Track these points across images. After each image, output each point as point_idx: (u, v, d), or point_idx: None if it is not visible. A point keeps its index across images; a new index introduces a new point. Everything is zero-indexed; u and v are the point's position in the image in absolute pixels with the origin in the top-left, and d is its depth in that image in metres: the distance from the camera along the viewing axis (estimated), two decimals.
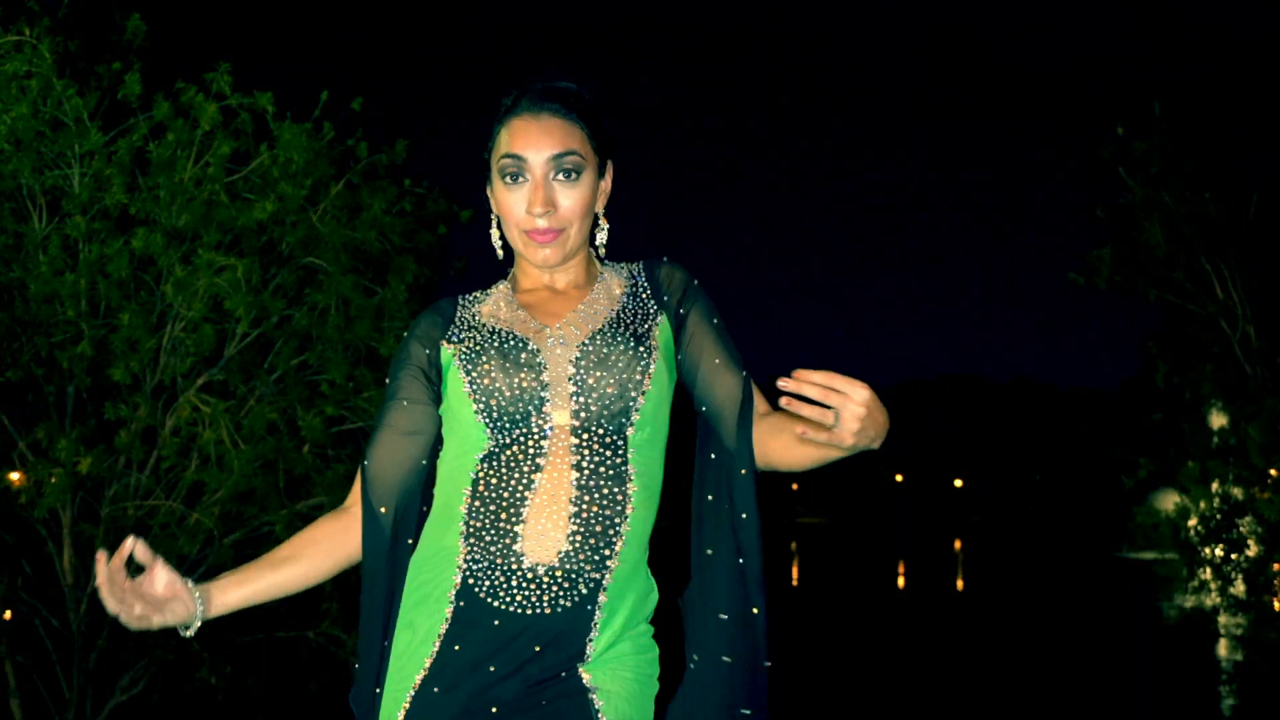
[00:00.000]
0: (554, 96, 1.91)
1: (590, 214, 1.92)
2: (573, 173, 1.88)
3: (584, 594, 1.77)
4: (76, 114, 4.73)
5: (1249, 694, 10.53)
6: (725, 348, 1.91)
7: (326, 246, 5.01)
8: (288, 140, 4.89)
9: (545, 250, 1.89)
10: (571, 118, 1.90)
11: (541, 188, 1.86)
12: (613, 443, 1.82)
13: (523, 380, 1.82)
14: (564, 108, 1.90)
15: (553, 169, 1.87)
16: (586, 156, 1.90)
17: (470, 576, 1.80)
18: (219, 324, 4.93)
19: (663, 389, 1.87)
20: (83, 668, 5.00)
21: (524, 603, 1.77)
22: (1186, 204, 8.07)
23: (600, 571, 1.78)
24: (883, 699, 10.61)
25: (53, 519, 4.99)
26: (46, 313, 4.75)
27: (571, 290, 1.96)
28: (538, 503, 1.79)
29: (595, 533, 1.78)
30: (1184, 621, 15.15)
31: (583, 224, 1.91)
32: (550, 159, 1.87)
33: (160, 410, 4.96)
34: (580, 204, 1.89)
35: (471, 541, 1.81)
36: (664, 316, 1.92)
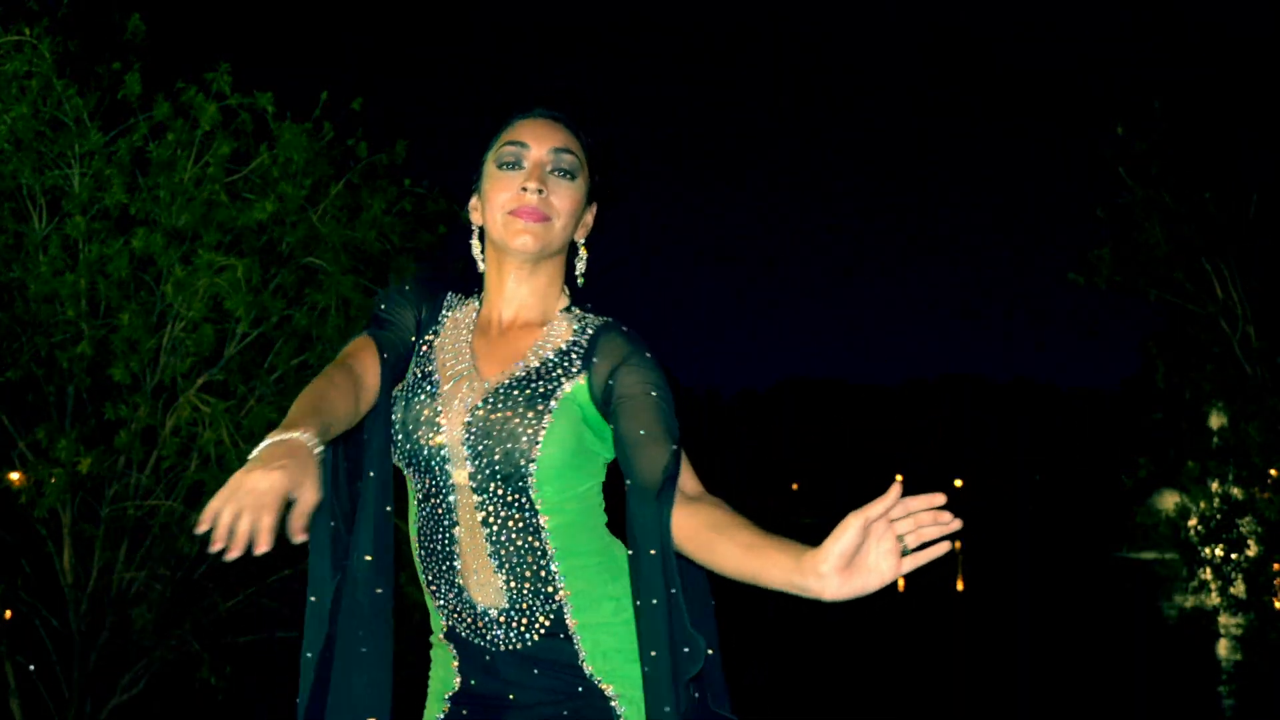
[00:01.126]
0: (567, 112, 1.94)
1: (573, 222, 1.89)
2: (569, 173, 1.87)
3: (549, 625, 1.79)
4: (76, 114, 4.73)
5: (1249, 694, 10.53)
6: (657, 419, 1.76)
7: (326, 246, 5.01)
8: (288, 140, 4.89)
9: (526, 234, 1.84)
10: (578, 136, 1.92)
11: (538, 170, 1.86)
12: (515, 501, 1.78)
13: (422, 437, 1.82)
14: (573, 125, 1.93)
15: (551, 162, 1.87)
16: (582, 165, 1.90)
17: (448, 619, 1.85)
18: (219, 324, 4.93)
19: (565, 449, 1.78)
20: (83, 668, 5.00)
21: (498, 639, 1.80)
22: (1186, 204, 8.07)
23: (551, 603, 1.78)
24: (883, 699, 10.61)
25: (53, 519, 4.98)
26: (46, 313, 4.75)
27: (521, 330, 1.90)
28: (465, 556, 1.81)
29: (527, 577, 1.78)
30: (1184, 621, 15.14)
31: (566, 226, 1.88)
32: (551, 150, 1.87)
33: (160, 410, 4.96)
34: (570, 203, 1.87)
35: (433, 589, 1.86)
36: (585, 376, 1.82)
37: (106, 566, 5.00)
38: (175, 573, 5.08)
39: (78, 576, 4.99)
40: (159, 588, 5.02)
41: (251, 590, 5.33)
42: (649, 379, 1.79)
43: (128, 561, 5.02)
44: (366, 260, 5.28)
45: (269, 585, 5.40)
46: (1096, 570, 28.40)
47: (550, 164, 1.87)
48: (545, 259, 1.90)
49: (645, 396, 1.77)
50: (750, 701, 9.97)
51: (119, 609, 5.07)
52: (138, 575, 4.98)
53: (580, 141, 1.92)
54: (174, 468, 5.10)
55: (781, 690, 10.65)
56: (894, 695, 10.77)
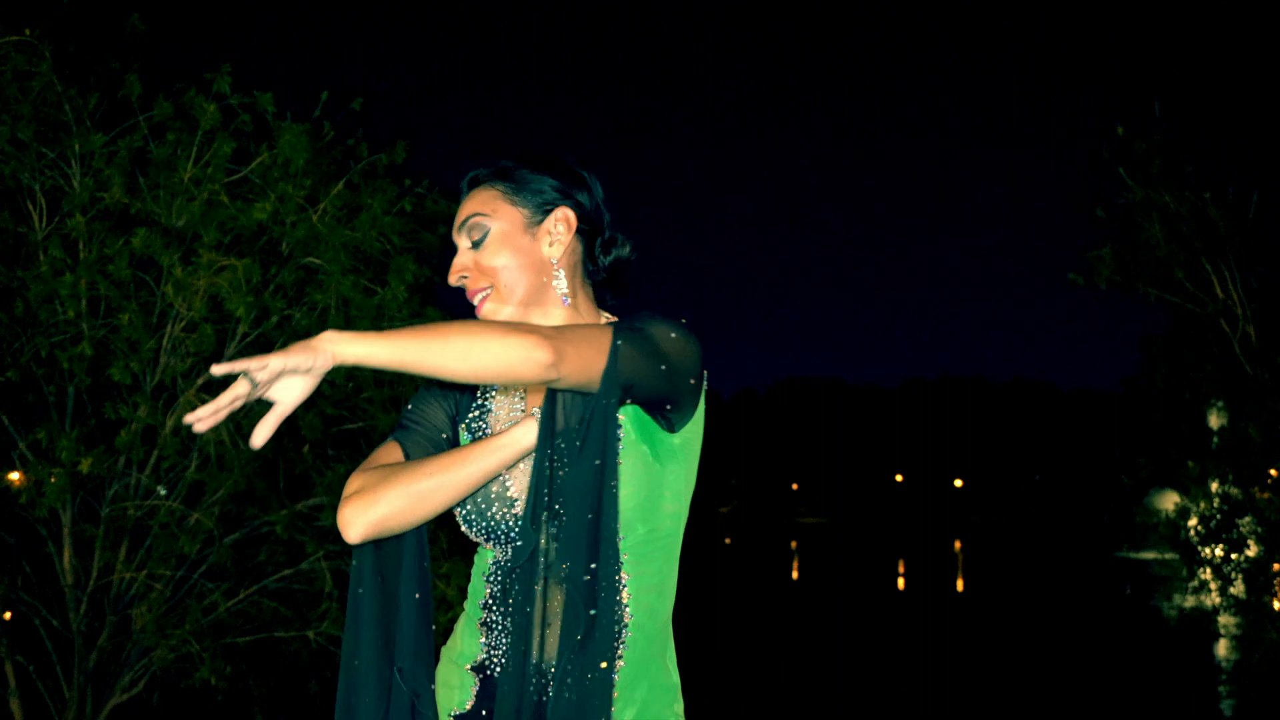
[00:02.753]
0: (476, 171, 1.92)
1: (520, 268, 1.85)
2: (479, 239, 1.86)
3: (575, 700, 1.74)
4: (76, 114, 4.73)
5: (1249, 694, 10.53)
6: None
7: (326, 246, 5.01)
8: (288, 140, 4.89)
9: (482, 313, 1.85)
10: (489, 182, 1.90)
11: (459, 259, 1.88)
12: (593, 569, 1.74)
13: (497, 513, 1.79)
14: (483, 178, 1.91)
15: (465, 237, 1.88)
16: (493, 212, 1.86)
17: (489, 657, 1.82)
18: (219, 324, 4.93)
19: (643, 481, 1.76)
20: (83, 668, 5.00)
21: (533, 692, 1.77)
22: (1186, 204, 8.08)
23: (586, 680, 1.74)
24: (883, 699, 10.61)
25: (53, 519, 4.99)
26: (46, 313, 4.75)
27: None
28: (542, 611, 1.76)
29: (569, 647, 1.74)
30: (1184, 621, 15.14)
31: (507, 279, 1.84)
32: (460, 228, 1.89)
33: (160, 410, 4.96)
34: (496, 259, 1.85)
35: (486, 627, 1.83)
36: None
37: (106, 566, 5.00)
38: (175, 573, 5.08)
39: (78, 576, 4.99)
40: (159, 588, 5.02)
41: (251, 590, 5.33)
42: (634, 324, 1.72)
43: (128, 561, 5.02)
44: (366, 260, 5.28)
45: (269, 585, 5.40)
46: (1096, 570, 28.40)
47: (466, 241, 1.88)
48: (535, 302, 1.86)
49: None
50: (750, 701, 9.96)
51: (119, 609, 5.07)
52: (138, 575, 4.98)
53: (494, 187, 1.89)
54: (174, 468, 5.10)
55: (781, 690, 10.65)
56: (894, 695, 10.77)
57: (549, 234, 1.87)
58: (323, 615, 5.32)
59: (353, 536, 1.74)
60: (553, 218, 1.87)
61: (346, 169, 5.24)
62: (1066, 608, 19.31)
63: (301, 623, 5.43)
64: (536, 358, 1.57)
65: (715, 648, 12.27)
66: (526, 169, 1.90)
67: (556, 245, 1.87)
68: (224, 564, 5.28)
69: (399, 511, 1.73)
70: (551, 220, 1.87)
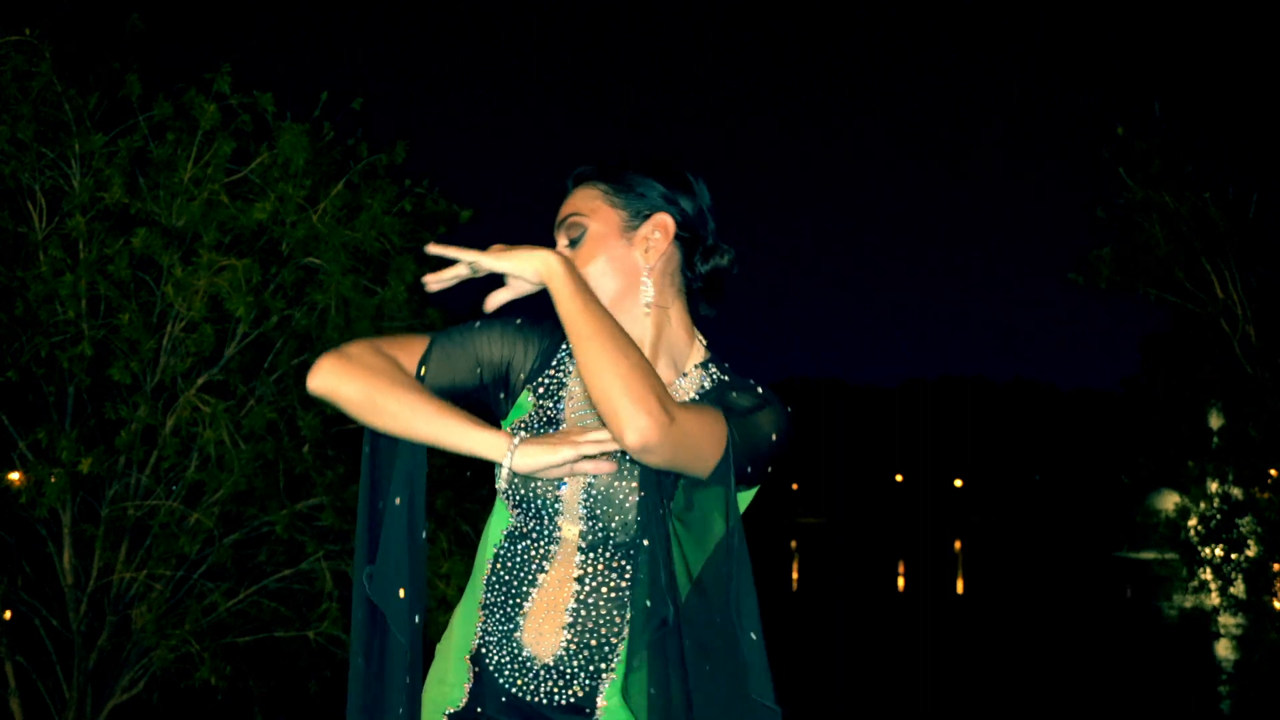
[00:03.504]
0: (582, 169, 1.91)
1: (611, 273, 1.83)
2: (576, 238, 1.85)
3: (580, 696, 1.75)
4: (76, 114, 4.73)
5: (1249, 694, 10.53)
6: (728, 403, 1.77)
7: (326, 246, 5.01)
8: (288, 140, 4.89)
9: None
10: (593, 181, 1.88)
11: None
12: (620, 567, 1.77)
13: (540, 486, 1.78)
14: (588, 175, 1.89)
15: (564, 237, 1.87)
16: (592, 212, 1.85)
17: (484, 647, 1.81)
18: (219, 324, 4.93)
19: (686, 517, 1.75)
20: (83, 668, 5.00)
21: (524, 687, 1.77)
22: (1186, 204, 8.08)
23: (595, 680, 1.75)
24: (883, 699, 10.61)
25: (53, 519, 4.99)
26: (46, 313, 4.75)
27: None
28: (539, 602, 1.77)
29: (590, 646, 1.75)
30: (1184, 621, 15.14)
31: (605, 284, 1.82)
32: (560, 227, 1.88)
33: (160, 410, 4.96)
34: (591, 260, 1.83)
35: (486, 613, 1.82)
36: None
37: (106, 566, 5.00)
38: (175, 573, 5.08)
39: (78, 576, 4.99)
40: (159, 588, 5.02)
41: (251, 590, 5.33)
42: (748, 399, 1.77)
43: (128, 561, 5.02)
44: (366, 260, 5.28)
45: (269, 585, 5.40)
46: (1096, 570, 28.40)
47: (564, 239, 1.87)
48: (624, 309, 1.83)
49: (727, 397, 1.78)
50: None
51: (119, 609, 5.07)
52: (138, 575, 4.98)
53: (594, 186, 1.87)
54: (174, 468, 5.10)
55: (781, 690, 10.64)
56: (894, 695, 10.77)
57: (645, 240, 1.84)
58: (323, 615, 5.32)
59: (310, 383, 1.76)
60: (650, 223, 1.85)
61: (346, 169, 5.23)
62: (1066, 608, 19.31)
63: (301, 623, 5.42)
64: (645, 420, 1.59)
65: None
66: (632, 170, 1.88)
67: (651, 251, 1.84)
68: (224, 564, 5.27)
69: (354, 403, 1.74)
70: (649, 225, 1.85)
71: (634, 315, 1.84)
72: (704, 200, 1.90)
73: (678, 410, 1.63)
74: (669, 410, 1.61)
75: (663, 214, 1.85)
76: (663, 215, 1.85)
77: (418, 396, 1.73)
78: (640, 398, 1.59)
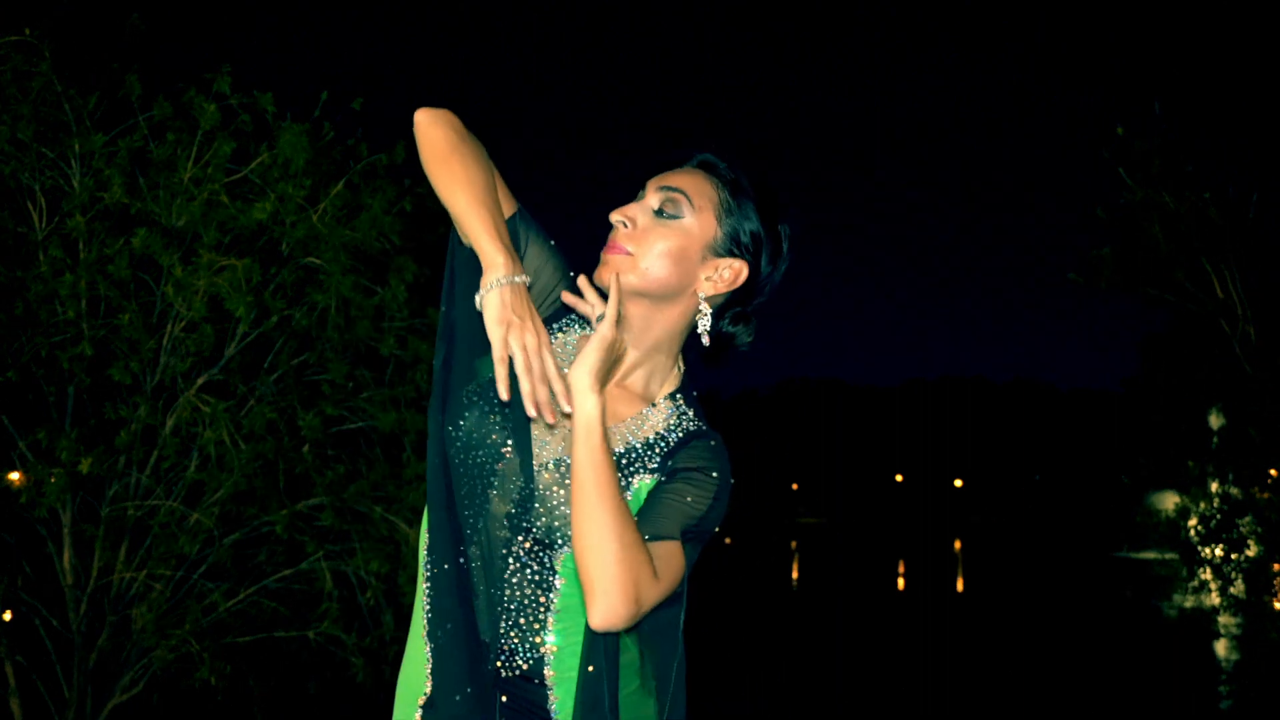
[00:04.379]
0: (717, 161, 1.85)
1: (674, 268, 1.77)
2: (670, 214, 1.78)
3: (526, 669, 1.75)
4: (77, 114, 4.73)
5: (1249, 694, 10.53)
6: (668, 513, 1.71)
7: (326, 246, 5.01)
8: (288, 140, 4.89)
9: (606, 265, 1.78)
10: (716, 178, 1.82)
11: (638, 207, 1.80)
12: (538, 558, 1.75)
13: (483, 457, 1.76)
14: (718, 171, 1.83)
15: (659, 200, 1.79)
16: (699, 208, 1.79)
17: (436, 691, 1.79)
18: (219, 324, 4.93)
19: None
20: (83, 668, 5.00)
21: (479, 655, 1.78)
22: (1186, 204, 8.08)
23: (535, 652, 1.75)
24: (883, 699, 10.61)
25: (53, 519, 4.99)
26: (46, 313, 4.75)
27: (620, 394, 1.82)
28: (475, 570, 1.77)
29: (520, 625, 1.75)
30: (1184, 621, 15.15)
31: (652, 269, 1.76)
32: (661, 189, 1.80)
33: (160, 410, 4.96)
34: (664, 242, 1.77)
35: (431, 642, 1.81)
36: (653, 479, 1.76)
37: (106, 566, 5.00)
38: (175, 573, 5.08)
39: (78, 576, 4.99)
40: (159, 588, 5.02)
41: (251, 590, 5.33)
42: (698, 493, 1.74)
43: (128, 561, 5.02)
44: (366, 260, 5.28)
45: (269, 585, 5.40)
46: (1096, 570, 28.41)
47: (657, 202, 1.79)
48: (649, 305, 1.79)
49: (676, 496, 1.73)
50: (750, 701, 9.97)
51: (119, 609, 5.07)
52: (138, 575, 4.98)
53: (717, 187, 1.81)
54: (174, 468, 5.10)
55: (782, 690, 10.65)
56: (894, 695, 10.78)
57: (715, 271, 1.81)
58: (323, 615, 5.32)
59: (419, 114, 1.80)
60: (730, 264, 1.81)
61: (346, 169, 5.23)
62: (1066, 608, 19.32)
63: (301, 623, 5.42)
64: (608, 609, 1.61)
65: (715, 647, 12.27)
66: (753, 200, 1.82)
67: (711, 284, 1.80)
68: (224, 564, 5.27)
69: (436, 145, 1.77)
70: (727, 265, 1.81)
71: (660, 317, 1.80)
72: (779, 273, 1.87)
73: (650, 590, 1.64)
74: (642, 599, 1.63)
75: (744, 264, 1.81)
76: (743, 265, 1.81)
77: (481, 179, 1.73)
78: (622, 586, 1.60)
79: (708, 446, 1.77)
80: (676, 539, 1.69)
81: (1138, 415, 11.65)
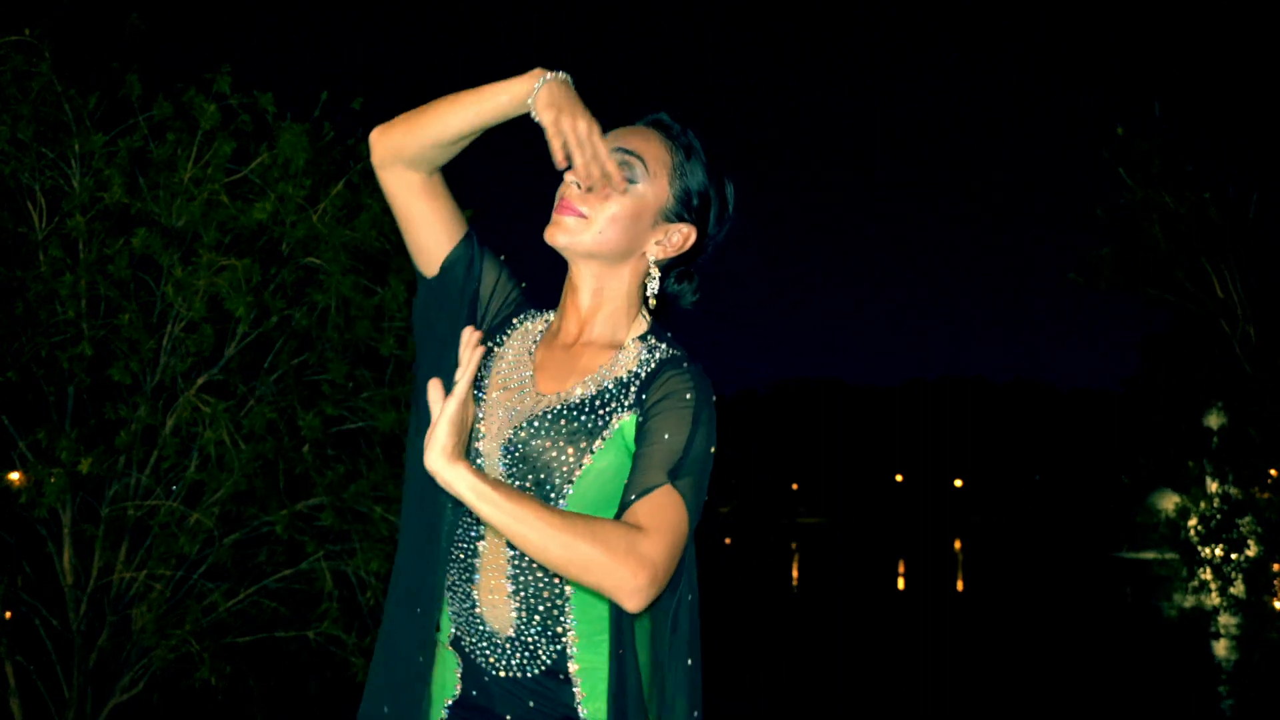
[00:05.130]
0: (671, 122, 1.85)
1: (627, 231, 1.79)
2: (625, 177, 1.78)
3: (550, 664, 1.75)
4: (76, 114, 4.73)
5: (1249, 694, 10.53)
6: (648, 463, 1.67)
7: (326, 246, 5.01)
8: (288, 140, 4.89)
9: (554, 227, 1.79)
10: (670, 140, 1.83)
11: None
12: None
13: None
14: (672, 134, 1.84)
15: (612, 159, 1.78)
16: (654, 174, 1.80)
17: (458, 630, 1.81)
18: (219, 324, 4.93)
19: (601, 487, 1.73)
20: (83, 668, 5.00)
21: (498, 664, 1.77)
22: (1186, 204, 8.09)
23: (557, 643, 1.74)
24: (883, 699, 10.61)
25: (53, 519, 4.98)
26: (46, 313, 4.75)
27: (587, 349, 1.82)
28: (485, 572, 1.76)
29: (539, 611, 1.74)
30: (1184, 621, 15.15)
31: (605, 231, 1.78)
32: (616, 149, 1.79)
33: (160, 410, 4.96)
34: (617, 207, 1.77)
35: (449, 594, 1.82)
36: (632, 415, 1.74)
37: (106, 566, 5.00)
38: (175, 573, 5.08)
39: (78, 576, 4.99)
40: (159, 588, 5.02)
41: (251, 590, 5.33)
42: (685, 417, 1.70)
43: (128, 561, 5.02)
44: (366, 260, 5.28)
45: (269, 585, 5.40)
46: (1096, 570, 28.40)
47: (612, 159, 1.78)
48: (600, 266, 1.81)
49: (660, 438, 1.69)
50: (751, 701, 9.97)
51: (119, 609, 5.07)
52: (138, 575, 4.98)
53: (671, 151, 1.82)
54: (174, 468, 5.10)
55: (782, 690, 10.65)
56: (894, 695, 10.78)
57: (665, 235, 1.83)
58: (323, 615, 5.32)
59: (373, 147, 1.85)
60: (679, 229, 1.83)
61: (346, 169, 5.23)
62: (1066, 608, 19.31)
63: (301, 623, 5.42)
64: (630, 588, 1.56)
65: (715, 648, 12.29)
66: (704, 164, 1.84)
67: (661, 248, 1.83)
68: (224, 564, 5.27)
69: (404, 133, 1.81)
70: (677, 230, 1.83)
71: (612, 276, 1.83)
72: (724, 233, 1.89)
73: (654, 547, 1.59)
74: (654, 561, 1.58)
75: (692, 228, 1.84)
76: (691, 229, 1.84)
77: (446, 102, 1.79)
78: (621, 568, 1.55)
79: (679, 371, 1.74)
80: (664, 483, 1.64)
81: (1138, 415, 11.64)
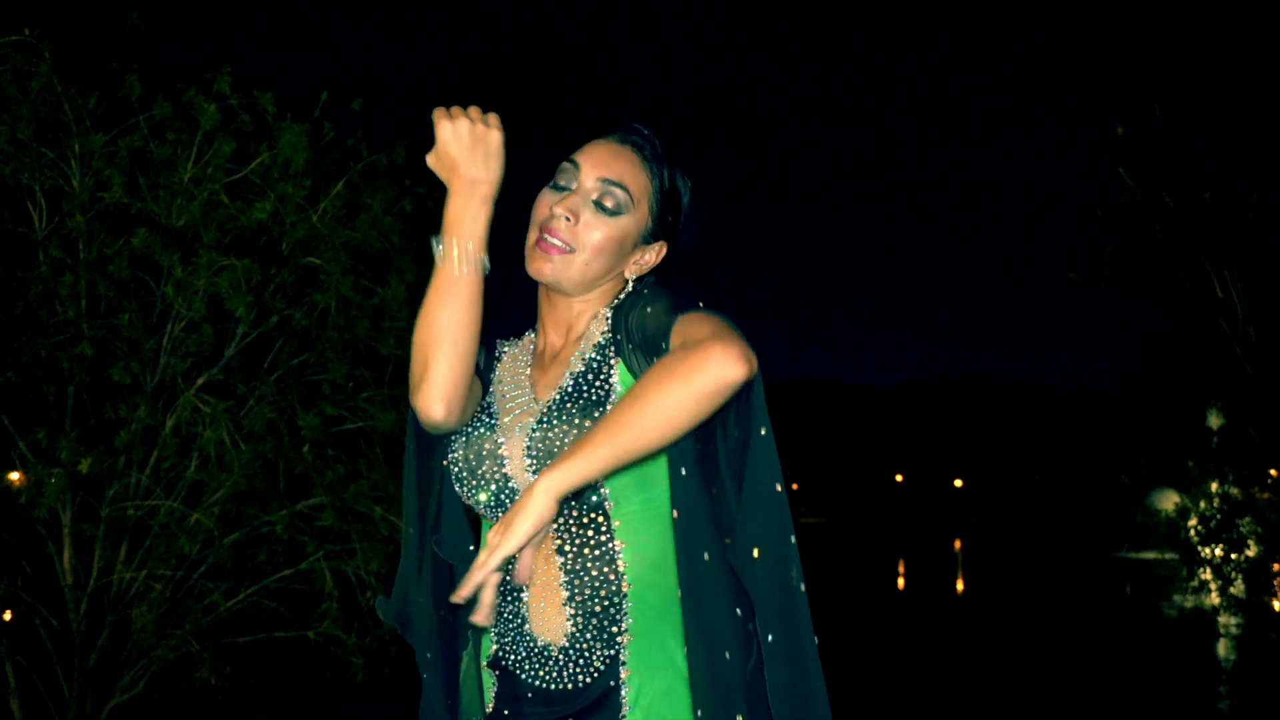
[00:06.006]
0: (646, 140, 1.84)
1: (604, 260, 1.79)
2: (611, 210, 1.78)
3: (602, 670, 1.72)
4: (76, 114, 4.72)
5: (1249, 694, 10.52)
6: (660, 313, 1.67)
7: (326, 246, 5.01)
8: (288, 140, 4.89)
9: (544, 264, 1.78)
10: (649, 166, 1.83)
11: (577, 198, 1.78)
12: (593, 522, 1.72)
13: (487, 471, 1.78)
14: (647, 155, 1.83)
15: (596, 191, 1.79)
16: (637, 202, 1.80)
17: (500, 649, 1.80)
18: (219, 324, 4.93)
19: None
20: (83, 668, 5.00)
21: (546, 678, 1.74)
22: (1186, 204, 8.09)
23: (612, 648, 1.71)
24: (883, 699, 10.61)
25: (53, 519, 4.98)
26: (46, 313, 4.75)
27: (570, 348, 1.84)
28: (536, 587, 1.74)
29: (596, 613, 1.71)
30: (1184, 621, 15.14)
31: (591, 263, 1.78)
32: (599, 180, 1.79)
33: (160, 410, 4.96)
34: (605, 240, 1.78)
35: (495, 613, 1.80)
36: (619, 361, 1.74)
37: (106, 566, 5.00)
38: (175, 573, 5.08)
39: (78, 576, 4.99)
40: (159, 588, 5.02)
41: (251, 590, 5.33)
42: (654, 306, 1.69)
43: (128, 561, 5.02)
44: (366, 260, 5.28)
45: (269, 585, 5.40)
46: (1096, 570, 28.40)
47: (595, 193, 1.79)
48: (581, 290, 1.82)
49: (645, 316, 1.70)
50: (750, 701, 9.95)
51: (119, 609, 5.07)
52: (138, 575, 4.98)
53: (650, 174, 1.82)
54: (174, 468, 5.10)
55: None
56: (894, 695, 10.77)
57: (642, 255, 1.86)
58: (323, 615, 5.32)
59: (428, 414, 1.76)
60: (654, 249, 1.86)
61: (346, 169, 5.23)
62: (1066, 607, 19.31)
63: (301, 623, 5.42)
64: (736, 375, 1.52)
65: None
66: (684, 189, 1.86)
67: (637, 268, 1.85)
68: (224, 564, 5.27)
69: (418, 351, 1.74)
70: (653, 250, 1.86)
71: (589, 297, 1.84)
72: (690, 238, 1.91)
73: (715, 330, 1.56)
74: (722, 339, 1.53)
75: (664, 243, 1.87)
76: (664, 245, 1.87)
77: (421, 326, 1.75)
78: (698, 365, 1.51)
79: (638, 296, 1.75)
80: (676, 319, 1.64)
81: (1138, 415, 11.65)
